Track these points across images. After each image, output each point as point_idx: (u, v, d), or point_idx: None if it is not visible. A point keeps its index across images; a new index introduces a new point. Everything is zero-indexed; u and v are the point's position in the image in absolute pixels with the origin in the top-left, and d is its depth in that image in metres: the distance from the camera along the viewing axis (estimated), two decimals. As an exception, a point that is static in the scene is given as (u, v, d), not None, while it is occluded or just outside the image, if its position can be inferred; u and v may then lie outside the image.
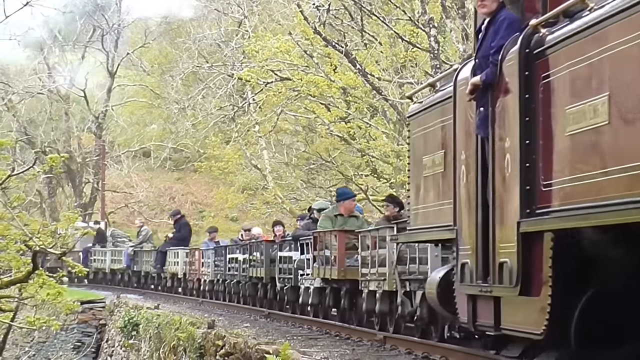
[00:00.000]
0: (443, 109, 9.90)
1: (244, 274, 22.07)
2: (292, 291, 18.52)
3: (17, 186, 18.64)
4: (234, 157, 37.86)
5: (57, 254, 14.52)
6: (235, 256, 23.07)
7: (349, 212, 16.74)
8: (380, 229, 14.01)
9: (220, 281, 24.57)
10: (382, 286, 13.48)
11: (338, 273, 15.30)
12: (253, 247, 21.41)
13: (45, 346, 25.67)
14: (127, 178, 50.50)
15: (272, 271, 19.87)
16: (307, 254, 17.31)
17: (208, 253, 25.70)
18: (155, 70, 49.69)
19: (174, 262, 28.33)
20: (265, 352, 11.69)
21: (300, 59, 29.77)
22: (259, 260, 20.67)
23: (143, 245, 31.91)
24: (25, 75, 48.40)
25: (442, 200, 9.81)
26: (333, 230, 15.94)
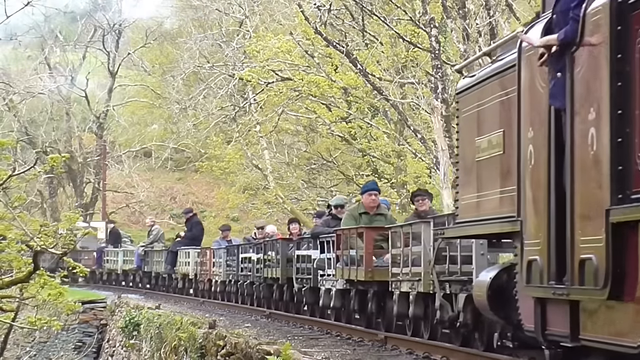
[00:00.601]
0: (503, 81, 8.47)
1: (258, 275, 20.75)
2: (311, 293, 17.35)
3: (18, 186, 18.64)
4: (235, 157, 37.88)
5: (58, 254, 14.50)
6: (248, 256, 21.82)
7: (371, 209, 15.35)
8: (414, 224, 12.73)
9: (232, 282, 23.43)
10: (417, 287, 12.32)
11: (365, 274, 13.92)
12: (268, 246, 20.11)
13: (46, 346, 25.68)
14: (128, 178, 50.52)
15: (288, 271, 18.59)
16: (327, 252, 16.15)
17: (220, 252, 24.48)
18: (156, 70, 49.71)
19: (185, 263, 27.27)
20: (266, 352, 11.68)
21: (302, 59, 29.77)
22: (274, 259, 19.42)
23: (154, 245, 30.68)
24: (27, 76, 48.44)
25: (501, 188, 8.40)
26: (359, 227, 14.64)
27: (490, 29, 22.95)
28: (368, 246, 14.12)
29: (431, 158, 25.09)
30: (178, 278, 28.26)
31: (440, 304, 11.44)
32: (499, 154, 8.44)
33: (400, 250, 12.95)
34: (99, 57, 49.74)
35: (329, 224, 16.91)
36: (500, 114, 8.51)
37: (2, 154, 15.26)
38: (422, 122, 28.50)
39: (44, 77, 48.06)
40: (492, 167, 8.61)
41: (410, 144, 29.28)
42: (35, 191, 46.13)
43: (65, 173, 45.99)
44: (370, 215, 15.31)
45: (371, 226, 14.70)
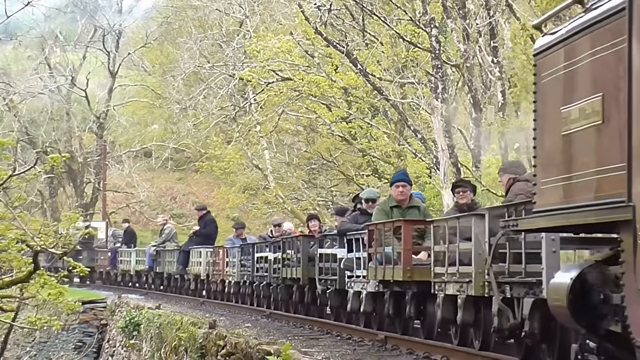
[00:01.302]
0: (603, 33, 6.77)
1: (275, 275, 19.36)
2: (337, 296, 16.02)
3: (18, 186, 18.64)
4: (235, 157, 37.86)
5: (58, 254, 14.50)
6: (264, 255, 20.47)
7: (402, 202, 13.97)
8: (463, 217, 11.29)
9: (247, 283, 22.14)
10: (466, 290, 10.79)
11: (403, 273, 12.37)
12: (287, 244, 18.71)
13: (46, 346, 25.67)
14: (128, 178, 50.51)
15: (310, 272, 17.25)
16: (356, 251, 14.70)
17: (233, 251, 23.16)
18: (156, 70, 49.69)
19: (197, 262, 26.00)
20: (267, 352, 11.69)
21: (302, 59, 29.77)
22: (294, 259, 18.02)
23: (166, 245, 29.23)
24: (27, 76, 48.43)
25: (601, 167, 6.77)
26: (396, 221, 13.07)
27: (490, 28, 22.94)
28: (406, 242, 12.59)
29: (431, 158, 25.08)
30: (190, 279, 27.12)
31: (499, 309, 9.90)
32: (597, 124, 6.81)
33: (445, 247, 11.46)
34: (99, 57, 49.74)
35: (357, 219, 15.41)
36: (597, 74, 6.84)
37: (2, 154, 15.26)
38: (422, 122, 28.49)
39: (44, 77, 48.05)
40: (587, 141, 6.95)
41: (410, 144, 29.27)
42: (36, 191, 46.09)
43: (66, 173, 45.99)
44: (403, 209, 13.94)
45: (410, 219, 13.31)
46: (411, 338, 12.74)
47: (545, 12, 20.61)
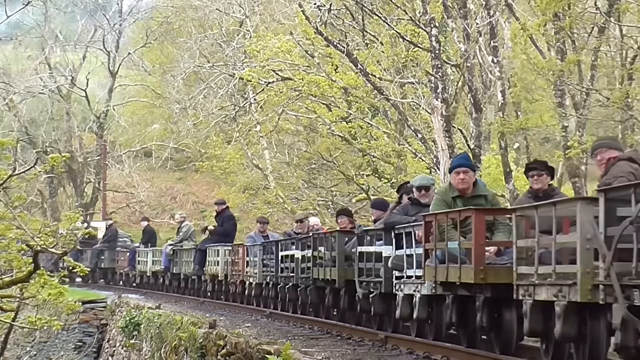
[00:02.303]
0: None
1: (304, 276, 17.35)
2: (382, 301, 13.68)
3: (18, 186, 18.64)
4: (235, 157, 37.87)
5: (58, 254, 14.50)
6: (290, 253, 18.43)
7: (464, 190, 11.75)
8: (562, 202, 9.17)
9: (270, 285, 20.00)
10: (568, 295, 8.63)
11: (475, 274, 10.13)
12: (318, 241, 16.62)
13: (46, 346, 25.68)
14: (128, 178, 50.53)
15: (347, 272, 15.18)
16: (407, 248, 12.51)
17: (254, 250, 20.97)
18: (156, 70, 49.72)
19: (214, 262, 23.93)
20: (267, 352, 11.69)
21: (302, 59, 29.77)
22: (328, 257, 15.92)
23: (183, 244, 27.22)
24: (27, 75, 48.44)
25: None
26: (465, 210, 10.89)
27: (490, 28, 22.94)
28: (478, 235, 10.38)
29: (431, 158, 25.07)
30: (207, 280, 25.07)
31: (623, 320, 7.75)
32: None
33: (534, 242, 9.23)
34: (99, 57, 49.76)
35: (408, 211, 13.24)
36: None
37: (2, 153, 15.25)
38: (422, 122, 28.50)
39: (44, 77, 48.06)
40: None
41: (410, 144, 29.28)
42: (36, 191, 46.12)
43: (66, 173, 46.00)
44: (466, 199, 11.68)
45: (482, 208, 11.17)
46: (411, 338, 12.73)
47: (545, 12, 20.63)
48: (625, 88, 22.10)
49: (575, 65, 22.15)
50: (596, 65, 23.45)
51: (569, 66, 21.36)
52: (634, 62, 24.21)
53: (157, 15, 49.07)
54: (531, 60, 21.41)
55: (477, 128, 22.94)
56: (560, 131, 23.15)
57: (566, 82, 21.74)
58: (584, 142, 21.05)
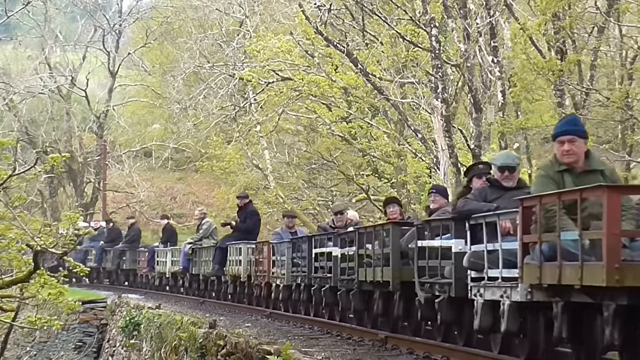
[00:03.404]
0: None
1: (346, 278, 15.11)
2: (452, 307, 11.38)
3: (18, 186, 18.63)
4: (235, 157, 37.85)
5: (58, 254, 14.50)
6: (327, 250, 16.25)
7: (573, 164, 9.08)
8: None
9: (301, 287, 17.76)
10: None
11: (607, 275, 7.59)
12: (365, 236, 14.36)
13: (46, 346, 25.69)
14: (128, 178, 50.51)
15: (405, 273, 12.85)
16: (489, 242, 10.18)
17: (282, 248, 18.91)
18: (156, 70, 49.73)
19: (236, 261, 21.89)
20: (267, 352, 11.69)
21: (302, 59, 29.77)
22: (378, 255, 13.65)
23: (203, 242, 25.27)
24: (27, 75, 48.44)
25: None
26: (590, 188, 8.09)
27: (490, 28, 22.94)
28: (612, 223, 7.69)
29: (431, 158, 25.07)
30: (228, 281, 22.92)
31: None
32: None
33: None
34: (99, 57, 49.75)
35: (486, 196, 10.89)
36: None
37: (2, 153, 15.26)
38: (422, 122, 28.49)
39: (44, 77, 48.06)
40: None
41: (410, 144, 29.28)
42: (36, 191, 46.11)
43: (66, 173, 45.99)
44: (579, 174, 9.03)
45: (618, 185, 8.74)
46: (411, 338, 12.73)
47: (545, 12, 20.63)
48: (625, 88, 22.10)
49: (575, 65, 22.15)
50: (596, 65, 23.46)
51: (569, 66, 21.36)
52: (634, 62, 24.21)
53: (157, 15, 49.07)
54: (531, 60, 21.40)
55: (477, 128, 22.94)
56: (560, 131, 23.08)
57: (566, 82, 21.74)
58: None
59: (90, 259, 33.33)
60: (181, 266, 26.19)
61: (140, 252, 31.13)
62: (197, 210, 27.92)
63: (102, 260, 33.32)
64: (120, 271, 32.82)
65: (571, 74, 22.44)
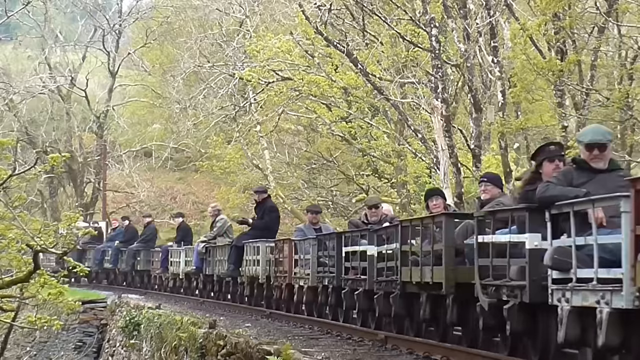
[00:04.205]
0: None
1: (383, 279, 13.34)
2: (523, 316, 9.38)
3: (18, 186, 18.65)
4: (235, 157, 37.88)
5: (58, 254, 14.51)
6: (359, 249, 14.44)
7: None
8: None
9: (329, 289, 15.96)
10: None
11: None
12: (410, 230, 12.34)
13: (46, 346, 25.69)
14: (128, 178, 50.53)
15: (460, 274, 10.94)
16: (579, 236, 8.26)
17: (305, 245, 17.13)
18: (156, 70, 49.75)
19: (253, 261, 20.21)
20: (267, 352, 11.69)
21: (302, 59, 29.78)
22: (426, 252, 11.69)
23: (217, 241, 23.58)
24: (27, 75, 48.45)
25: None
26: None
27: (490, 28, 22.94)
28: None
29: (431, 158, 25.08)
30: (245, 282, 21.21)
31: None
32: None
33: None
34: (99, 57, 49.76)
35: (572, 179, 9.02)
36: None
37: (2, 153, 15.27)
38: (422, 122, 28.51)
39: (44, 77, 48.07)
40: None
41: (410, 144, 29.29)
42: (36, 191, 46.10)
43: (66, 173, 45.99)
44: None
45: None
46: (411, 338, 12.72)
47: (545, 12, 20.64)
48: (625, 88, 22.10)
49: (575, 65, 22.15)
50: (596, 65, 23.46)
51: (569, 66, 21.36)
52: (634, 62, 24.21)
53: (157, 15, 49.09)
54: (531, 60, 21.40)
55: (477, 128, 22.94)
56: (560, 131, 23.14)
57: (566, 82, 21.74)
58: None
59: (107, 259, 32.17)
60: (194, 266, 24.66)
61: (154, 253, 29.53)
62: (211, 206, 25.89)
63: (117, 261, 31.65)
64: (135, 272, 31.06)
65: (571, 74, 22.45)
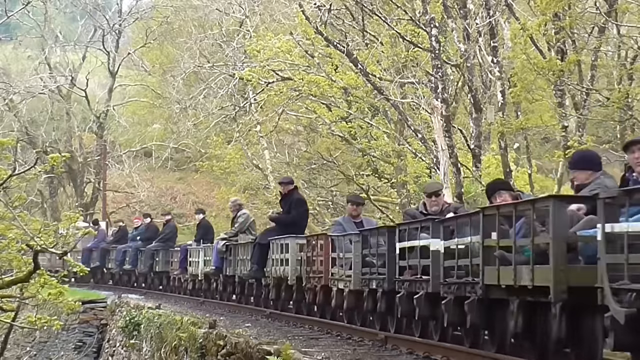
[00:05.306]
0: None
1: (457, 281, 10.64)
2: None
3: (18, 186, 18.65)
4: (235, 157, 37.90)
5: (58, 254, 14.51)
6: (420, 243, 11.88)
7: None
8: None
9: (378, 294, 13.37)
10: None
11: None
12: (497, 219, 9.63)
13: (46, 346, 25.69)
14: (128, 178, 50.56)
15: (573, 274, 8.44)
16: None
17: (346, 242, 14.74)
18: (156, 70, 49.77)
19: (281, 260, 17.93)
20: (267, 352, 11.68)
21: (302, 59, 29.78)
22: (523, 247, 9.14)
23: (239, 238, 21.62)
24: (27, 75, 48.48)
25: None
26: None
27: (490, 28, 22.95)
28: None
29: (431, 158, 25.08)
30: (270, 284, 18.92)
31: None
32: None
33: None
34: (99, 57, 49.79)
35: None
36: None
37: (2, 153, 15.27)
38: (422, 122, 28.51)
39: (44, 77, 48.10)
40: None
41: (410, 144, 29.29)
42: (36, 191, 46.12)
43: (66, 173, 46.01)
44: None
45: None
46: (411, 338, 12.71)
47: (545, 12, 20.64)
48: (625, 88, 22.10)
49: (575, 65, 22.16)
50: (596, 65, 23.47)
51: (569, 66, 21.37)
52: (634, 62, 24.22)
53: (157, 15, 49.11)
54: (531, 60, 21.41)
55: (477, 128, 22.95)
56: (560, 131, 23.15)
57: (566, 82, 21.75)
58: (584, 142, 21.05)
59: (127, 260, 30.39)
60: (213, 266, 22.57)
61: (173, 252, 27.44)
62: (231, 200, 23.83)
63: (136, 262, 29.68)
64: (154, 274, 28.98)
65: (571, 74, 22.46)
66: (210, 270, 22.95)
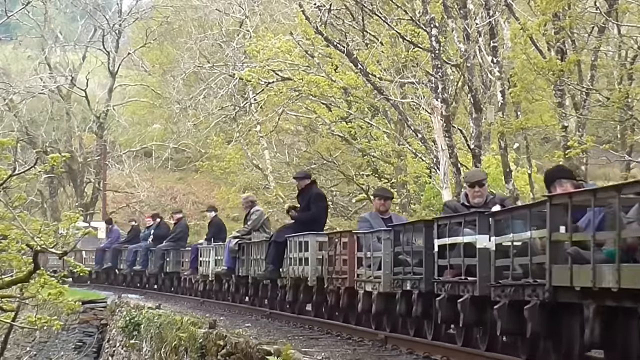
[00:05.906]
0: None
1: (511, 283, 9.21)
2: None
3: (18, 186, 18.65)
4: (235, 157, 37.91)
5: (58, 254, 14.51)
6: (464, 240, 10.42)
7: None
8: None
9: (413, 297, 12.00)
10: None
11: None
12: (562, 212, 8.19)
13: (46, 346, 25.69)
14: (128, 178, 50.57)
15: None
16: None
17: (374, 239, 13.41)
18: (156, 70, 49.78)
19: (299, 259, 16.54)
20: (267, 352, 11.68)
21: (302, 59, 29.79)
22: (605, 242, 7.76)
23: (253, 236, 20.36)
24: (27, 75, 48.50)
25: None
26: None
27: (490, 28, 22.94)
28: None
29: (431, 158, 25.08)
30: (287, 285, 17.45)
31: None
32: None
33: None
34: (99, 57, 49.81)
35: None
36: None
37: (2, 153, 15.27)
38: (422, 122, 28.51)
39: (44, 77, 48.11)
40: None
41: (410, 144, 29.29)
42: (36, 191, 46.12)
43: (66, 173, 46.01)
44: None
45: None
46: (411, 338, 12.70)
47: (545, 12, 20.64)
48: (625, 88, 22.10)
49: (575, 65, 22.15)
50: (596, 65, 23.47)
51: (569, 66, 21.36)
52: (634, 62, 24.22)
53: (157, 15, 49.13)
54: (531, 60, 21.40)
55: (477, 128, 22.94)
56: (560, 131, 23.14)
57: (566, 82, 21.75)
58: (584, 142, 21.05)
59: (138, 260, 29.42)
60: (225, 266, 21.37)
61: (183, 252, 26.48)
62: (243, 197, 22.68)
63: (147, 262, 28.81)
64: (164, 275, 27.95)
65: (571, 74, 22.45)
66: (222, 270, 21.66)
